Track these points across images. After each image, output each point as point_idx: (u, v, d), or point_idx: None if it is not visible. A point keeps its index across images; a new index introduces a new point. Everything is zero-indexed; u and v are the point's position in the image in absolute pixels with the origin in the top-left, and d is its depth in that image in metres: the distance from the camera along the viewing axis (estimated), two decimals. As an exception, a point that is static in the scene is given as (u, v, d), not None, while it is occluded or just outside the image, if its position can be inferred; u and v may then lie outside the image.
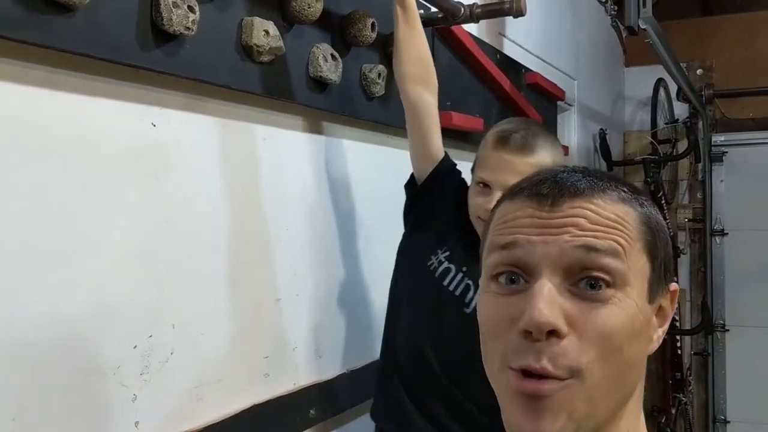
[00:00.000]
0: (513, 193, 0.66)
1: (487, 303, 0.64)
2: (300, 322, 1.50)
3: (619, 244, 0.60)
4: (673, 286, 0.67)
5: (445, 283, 1.44)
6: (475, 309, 1.30)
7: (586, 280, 0.59)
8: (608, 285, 0.59)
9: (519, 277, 0.62)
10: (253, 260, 1.37)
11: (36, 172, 0.96)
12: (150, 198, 1.14)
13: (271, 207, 1.42)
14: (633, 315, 0.60)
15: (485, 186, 1.35)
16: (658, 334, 0.65)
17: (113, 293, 1.07)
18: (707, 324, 4.30)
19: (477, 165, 1.40)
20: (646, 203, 0.65)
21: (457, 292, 1.44)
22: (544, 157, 1.31)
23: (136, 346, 1.10)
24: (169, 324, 1.17)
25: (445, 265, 1.46)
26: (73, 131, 1.02)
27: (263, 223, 1.39)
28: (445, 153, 1.50)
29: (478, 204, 1.36)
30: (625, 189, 0.65)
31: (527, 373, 0.59)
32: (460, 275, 1.44)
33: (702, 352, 4.53)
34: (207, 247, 1.26)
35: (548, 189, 0.63)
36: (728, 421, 4.45)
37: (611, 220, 0.61)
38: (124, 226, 1.09)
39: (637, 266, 0.61)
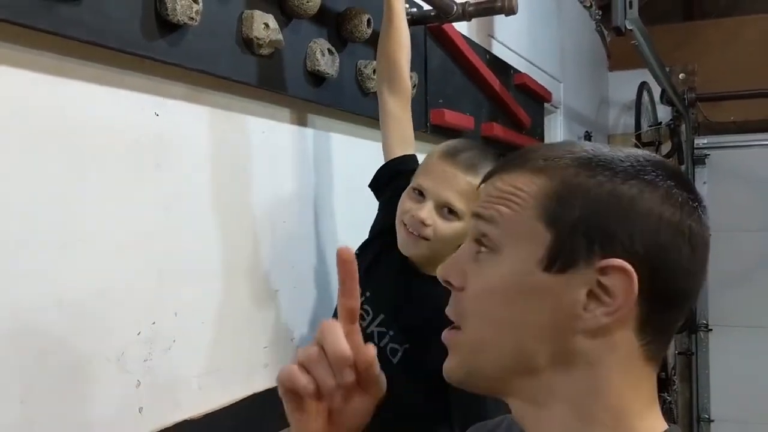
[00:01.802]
0: None
1: None
2: (298, 314, 1.51)
3: (498, 211, 0.65)
4: (610, 261, 0.60)
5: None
6: (400, 361, 1.32)
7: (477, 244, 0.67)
8: (488, 248, 0.66)
9: None
10: (252, 251, 1.38)
11: (39, 159, 0.97)
12: (151, 187, 1.15)
13: (269, 199, 1.43)
14: (506, 280, 0.64)
15: (420, 193, 1.28)
16: (596, 314, 0.61)
17: (116, 280, 1.08)
18: (691, 324, 4.36)
19: (418, 172, 1.32)
20: (581, 172, 0.62)
21: (371, 331, 1.34)
22: None
23: (139, 333, 1.11)
24: (171, 312, 1.18)
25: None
26: (77, 119, 1.03)
27: (261, 214, 1.41)
28: (401, 157, 1.43)
29: (406, 208, 1.28)
30: (543, 160, 0.64)
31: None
32: (367, 306, 1.35)
33: (686, 352, 4.59)
34: (207, 237, 1.27)
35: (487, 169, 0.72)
36: (712, 420, 4.51)
37: (502, 191, 0.65)
38: (126, 214, 1.10)
39: (520, 232, 0.63)
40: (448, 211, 1.25)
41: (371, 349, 0.68)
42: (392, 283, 1.35)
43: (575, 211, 0.61)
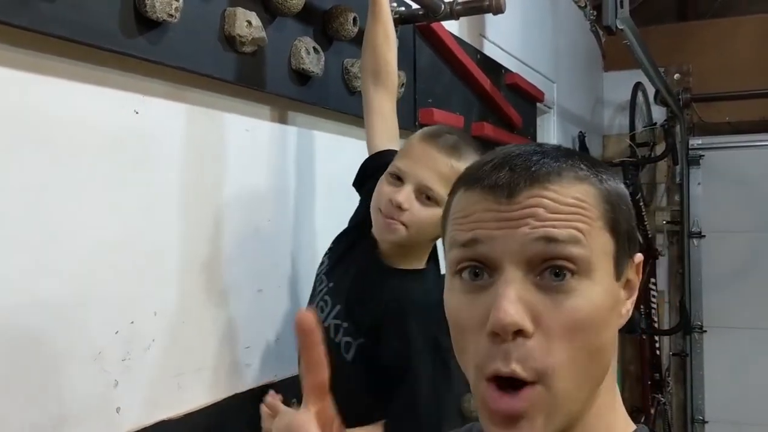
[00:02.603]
0: (468, 182, 0.64)
1: (454, 303, 0.63)
2: (281, 314, 1.51)
3: (579, 230, 0.59)
4: (638, 257, 0.65)
5: (317, 300, 1.33)
6: (354, 358, 1.24)
7: (550, 270, 0.59)
8: (573, 273, 0.59)
9: (482, 271, 0.61)
10: (234, 250, 1.37)
11: (16, 157, 0.96)
12: (131, 185, 1.14)
13: (252, 198, 1.43)
14: (600, 301, 0.59)
15: (398, 178, 1.22)
16: (627, 307, 0.64)
17: (94, 278, 1.07)
18: (685, 325, 4.36)
19: (397, 156, 1.26)
20: (604, 177, 0.64)
21: (327, 324, 1.29)
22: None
23: (117, 332, 1.10)
24: (150, 311, 1.17)
25: (322, 276, 1.37)
26: (55, 116, 1.02)
27: (244, 213, 1.40)
28: (386, 150, 1.40)
29: (384, 193, 1.22)
30: (583, 165, 0.63)
31: (499, 384, 0.59)
32: (327, 297, 1.33)
33: (680, 353, 4.59)
34: (187, 236, 1.26)
35: (504, 179, 0.61)
36: (706, 421, 4.50)
37: (570, 205, 0.60)
38: (105, 213, 1.09)
39: (600, 247, 0.60)
40: (426, 196, 1.20)
41: None
42: (354, 273, 1.31)
43: (623, 215, 0.63)
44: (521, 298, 0.58)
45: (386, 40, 1.45)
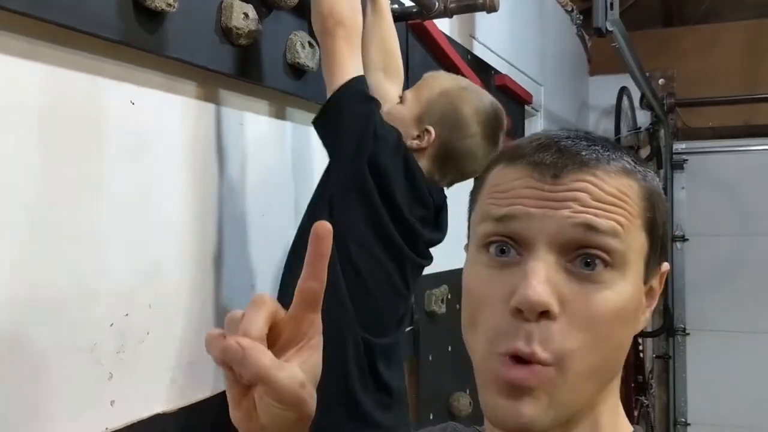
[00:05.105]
0: (511, 157, 0.62)
1: (476, 276, 0.61)
2: (275, 310, 1.49)
3: (620, 223, 0.57)
4: (665, 265, 0.64)
5: None
6: None
7: (582, 258, 0.57)
8: (606, 265, 0.57)
9: (510, 248, 0.59)
10: (228, 245, 1.36)
11: (9, 148, 0.95)
12: (125, 177, 1.13)
13: (246, 192, 1.42)
14: (627, 299, 0.58)
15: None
16: (646, 315, 0.63)
17: (88, 270, 1.05)
18: (668, 327, 4.40)
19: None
20: (649, 176, 0.62)
21: None
22: None
23: (112, 324, 1.09)
24: (145, 304, 1.15)
25: None
26: (49, 106, 1.00)
27: (238, 207, 1.39)
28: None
29: None
30: (630, 160, 0.61)
31: (514, 358, 0.57)
32: None
33: (663, 356, 4.63)
34: (182, 229, 1.25)
35: (551, 158, 0.59)
36: (689, 424, 4.55)
37: (613, 196, 0.58)
38: (99, 204, 1.08)
39: (636, 245, 0.59)
40: None
41: (294, 372, 0.53)
42: None
43: (661, 217, 0.61)
44: (550, 279, 0.56)
45: (391, 34, 1.50)
